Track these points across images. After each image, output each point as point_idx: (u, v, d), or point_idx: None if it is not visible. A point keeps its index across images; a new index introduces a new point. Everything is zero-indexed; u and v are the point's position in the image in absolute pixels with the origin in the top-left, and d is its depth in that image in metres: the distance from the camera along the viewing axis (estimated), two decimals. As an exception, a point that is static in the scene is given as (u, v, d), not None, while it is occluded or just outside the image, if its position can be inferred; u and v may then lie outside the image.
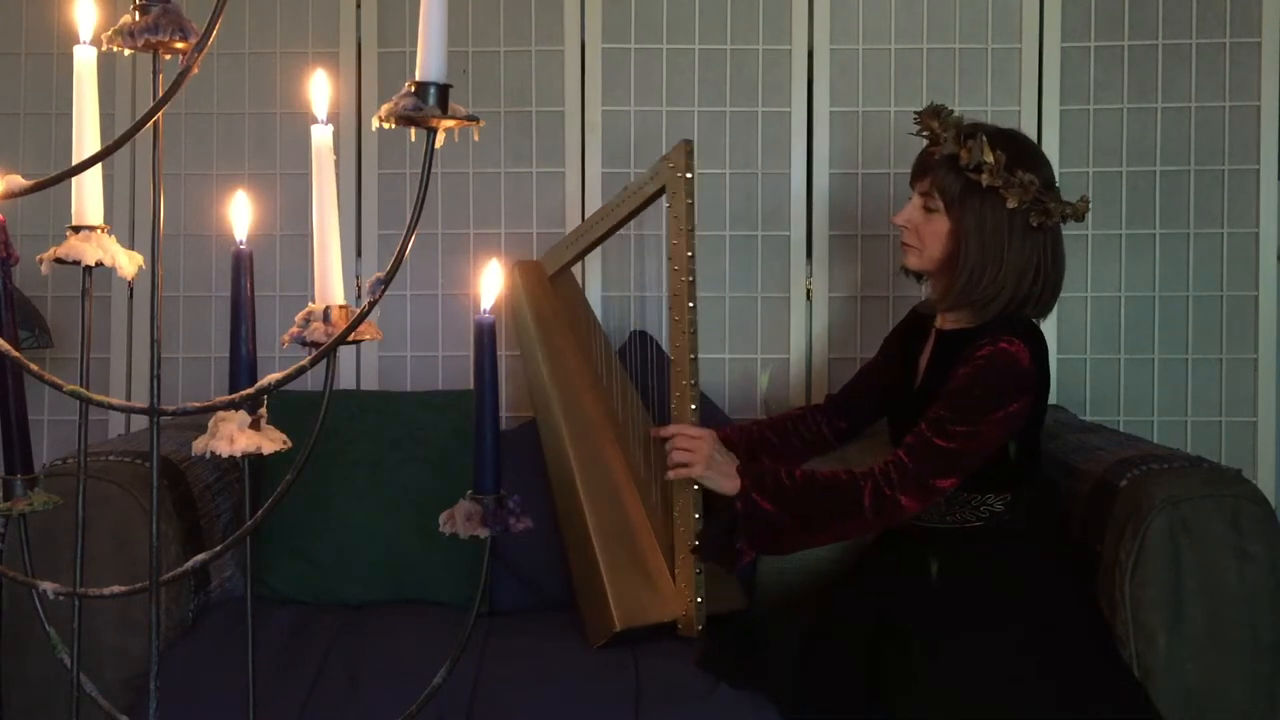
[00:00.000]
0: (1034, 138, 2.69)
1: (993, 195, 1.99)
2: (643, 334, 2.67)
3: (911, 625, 1.96)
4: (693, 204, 2.12)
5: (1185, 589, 1.93)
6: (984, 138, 1.99)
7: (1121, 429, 2.61)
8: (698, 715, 1.90)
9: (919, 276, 2.18)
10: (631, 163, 2.76)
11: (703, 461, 2.04)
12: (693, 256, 2.12)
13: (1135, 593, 1.95)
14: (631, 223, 2.69)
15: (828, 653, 1.96)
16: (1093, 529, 2.08)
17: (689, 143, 2.12)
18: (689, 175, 2.11)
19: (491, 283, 1.15)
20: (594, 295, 2.74)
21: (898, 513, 1.96)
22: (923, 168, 2.08)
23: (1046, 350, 2.04)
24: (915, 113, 2.10)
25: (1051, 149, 2.70)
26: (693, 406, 2.11)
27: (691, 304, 2.11)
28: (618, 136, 2.76)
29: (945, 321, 2.12)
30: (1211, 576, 1.93)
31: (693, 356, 2.12)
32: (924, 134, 2.08)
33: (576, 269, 2.74)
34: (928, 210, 2.06)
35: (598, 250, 2.74)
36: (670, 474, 2.09)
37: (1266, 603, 1.93)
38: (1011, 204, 1.98)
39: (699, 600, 2.11)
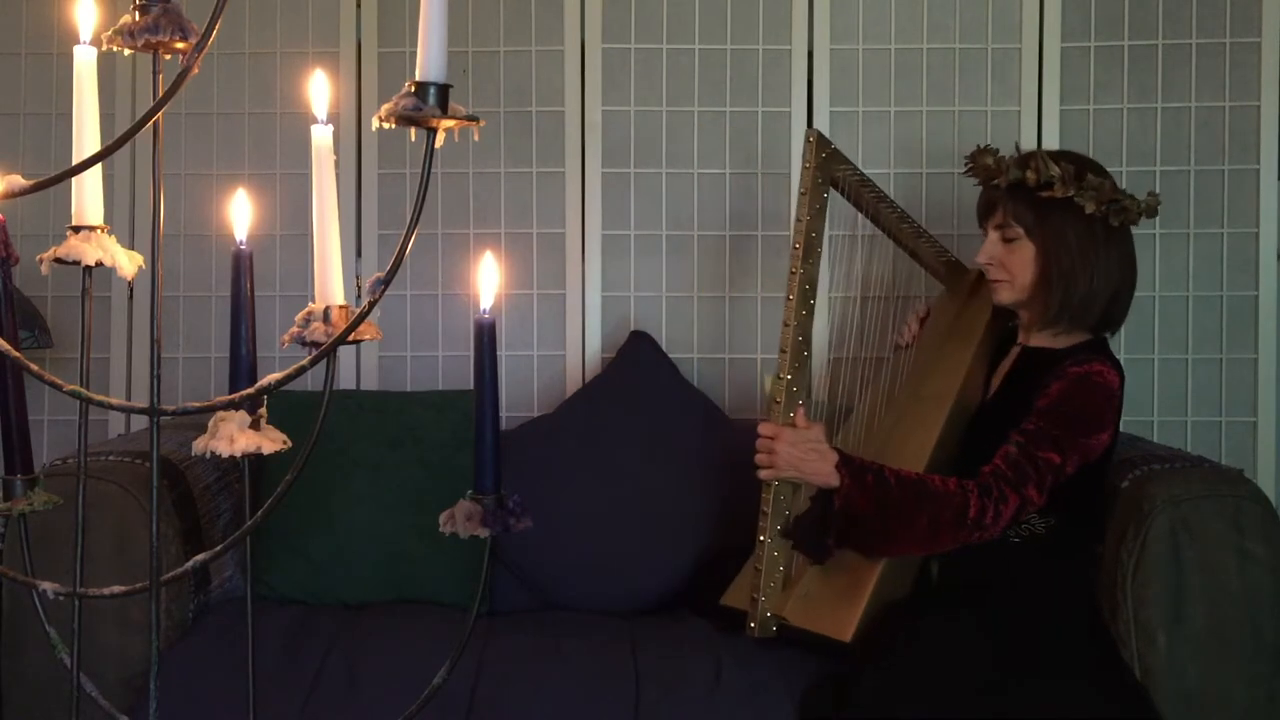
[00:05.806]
0: (1034, 138, 2.69)
1: (1069, 207, 2.01)
2: (642, 334, 2.67)
3: (911, 627, 1.96)
4: (806, 194, 2.08)
5: (1186, 588, 1.93)
6: (1044, 154, 2.03)
7: (1121, 429, 2.60)
8: (697, 714, 1.90)
9: (1010, 315, 2.20)
10: (631, 163, 2.75)
11: (780, 463, 1.97)
12: (799, 250, 2.06)
13: (1136, 592, 1.95)
14: (631, 222, 2.69)
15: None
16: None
17: (811, 131, 2.13)
18: (805, 166, 2.10)
19: (490, 280, 1.14)
20: (594, 295, 2.75)
21: (995, 525, 1.91)
22: (990, 204, 2.11)
23: (1124, 381, 2.04)
24: (966, 160, 2.14)
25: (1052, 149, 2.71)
26: (777, 401, 2.03)
27: (790, 297, 2.05)
28: (618, 136, 2.76)
29: (1030, 338, 2.13)
30: (1212, 576, 1.93)
31: (783, 351, 2.04)
32: (978, 174, 2.12)
33: (575, 265, 2.74)
34: (1007, 241, 2.08)
35: (598, 250, 2.75)
36: (758, 473, 2.03)
37: (1267, 602, 1.93)
38: (1089, 209, 2.00)
39: (759, 599, 2.01)
